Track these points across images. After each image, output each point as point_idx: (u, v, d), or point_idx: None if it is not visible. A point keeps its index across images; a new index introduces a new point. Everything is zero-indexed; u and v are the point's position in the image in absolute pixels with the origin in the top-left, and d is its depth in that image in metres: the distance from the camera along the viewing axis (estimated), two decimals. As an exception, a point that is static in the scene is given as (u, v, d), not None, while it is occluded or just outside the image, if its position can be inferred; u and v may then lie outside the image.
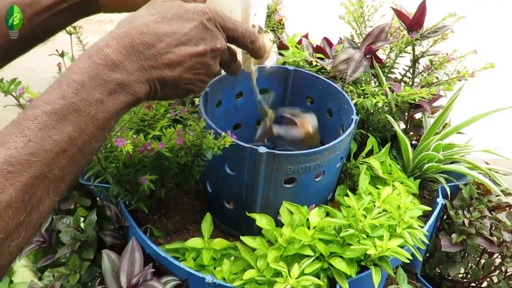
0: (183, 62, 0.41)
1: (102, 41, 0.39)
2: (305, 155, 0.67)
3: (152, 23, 0.40)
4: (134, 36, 0.38)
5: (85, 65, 0.37)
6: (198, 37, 0.42)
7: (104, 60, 0.37)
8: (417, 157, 0.83)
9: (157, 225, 0.79)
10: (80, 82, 0.36)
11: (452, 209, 0.78)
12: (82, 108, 0.35)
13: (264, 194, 0.72)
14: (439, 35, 0.84)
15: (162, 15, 0.41)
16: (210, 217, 0.72)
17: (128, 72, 0.38)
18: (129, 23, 0.40)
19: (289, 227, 0.63)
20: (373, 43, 0.84)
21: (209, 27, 0.43)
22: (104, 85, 0.36)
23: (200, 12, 0.42)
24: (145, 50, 0.39)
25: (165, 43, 0.40)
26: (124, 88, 0.38)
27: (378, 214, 0.63)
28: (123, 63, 0.37)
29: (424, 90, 0.72)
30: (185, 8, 0.42)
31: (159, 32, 0.40)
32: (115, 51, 0.38)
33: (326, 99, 0.88)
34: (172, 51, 0.40)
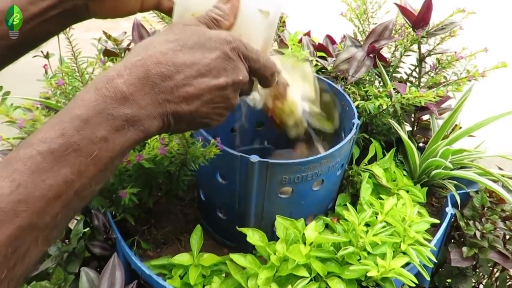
0: (201, 95, 0.37)
1: (113, 70, 0.34)
2: (301, 164, 0.60)
3: (170, 51, 0.36)
4: (150, 66, 0.34)
5: (91, 98, 0.32)
6: (220, 68, 0.38)
7: (113, 92, 0.32)
8: (424, 162, 0.76)
9: (146, 236, 0.73)
10: (84, 118, 0.31)
11: (462, 220, 0.70)
12: (83, 147, 0.31)
13: (258, 204, 0.65)
14: (447, 32, 0.76)
15: (182, 43, 0.37)
16: (200, 230, 0.65)
17: (139, 106, 0.33)
18: (145, 50, 0.35)
19: (283, 243, 0.56)
20: (376, 41, 0.77)
21: (232, 57, 0.39)
22: (111, 121, 0.32)
23: (223, 41, 0.38)
24: (161, 82, 0.34)
25: (183, 74, 0.36)
26: (133, 124, 0.33)
27: (381, 229, 0.56)
28: (135, 96, 0.33)
29: (431, 92, 0.65)
30: (207, 36, 0.38)
31: (178, 62, 0.35)
32: (126, 83, 0.33)
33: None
34: (190, 84, 0.36)
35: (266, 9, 0.46)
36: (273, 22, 0.47)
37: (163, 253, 0.74)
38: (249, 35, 0.46)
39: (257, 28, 0.47)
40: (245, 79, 0.40)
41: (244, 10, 0.45)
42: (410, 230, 0.58)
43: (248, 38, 0.45)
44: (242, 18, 0.44)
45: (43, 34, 0.52)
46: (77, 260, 0.74)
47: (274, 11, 0.47)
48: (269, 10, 0.46)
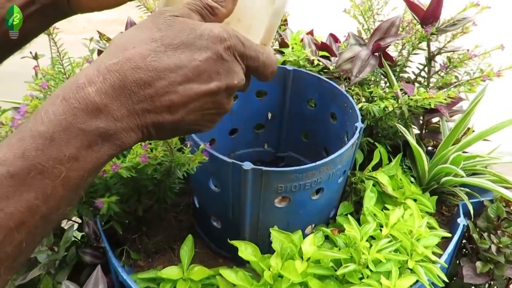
0: (188, 103, 0.31)
1: (84, 75, 0.28)
2: (298, 171, 0.54)
3: (152, 53, 0.29)
4: (127, 72, 0.28)
5: (57, 110, 0.27)
6: (211, 71, 0.32)
7: (84, 103, 0.27)
8: (433, 169, 0.69)
9: (137, 245, 0.67)
10: (49, 135, 0.26)
11: (475, 232, 0.63)
12: (48, 169, 0.26)
13: (253, 214, 0.59)
14: (459, 28, 0.69)
15: (167, 42, 0.30)
16: (191, 241, 0.60)
17: (114, 119, 0.28)
18: (122, 51, 0.29)
19: (278, 257, 0.50)
20: (381, 39, 0.70)
21: (226, 58, 0.32)
22: (81, 136, 0.27)
23: (216, 38, 0.32)
24: (140, 90, 0.29)
25: (166, 80, 0.30)
26: (108, 139, 0.28)
27: (386, 244, 0.49)
28: (109, 107, 0.28)
29: (442, 93, 0.58)
30: (198, 33, 0.31)
31: (160, 67, 0.30)
32: (99, 91, 0.28)
33: (329, 103, 0.75)
34: (175, 91, 0.30)
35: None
36: (279, 8, 0.39)
37: (155, 263, 0.69)
38: (249, 22, 0.38)
39: (260, 14, 0.39)
40: (241, 83, 0.34)
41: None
42: (418, 245, 0.52)
43: (248, 25, 0.38)
44: (243, 1, 0.37)
45: (25, 33, 0.47)
46: (67, 269, 0.69)
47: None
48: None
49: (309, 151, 0.85)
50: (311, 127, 0.82)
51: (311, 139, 0.83)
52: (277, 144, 0.88)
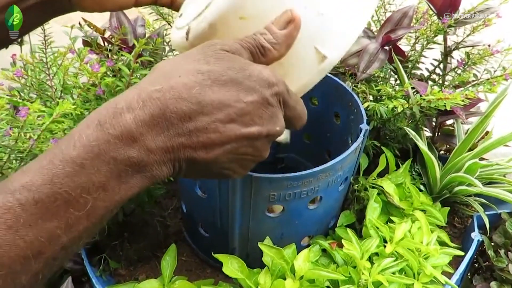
0: (226, 143, 0.30)
1: (124, 99, 0.27)
2: (292, 179, 0.49)
3: (197, 86, 0.28)
4: (168, 101, 0.27)
5: (91, 135, 0.26)
6: (255, 114, 0.31)
7: (119, 130, 0.26)
8: (445, 176, 0.64)
9: (117, 252, 0.63)
10: (80, 161, 0.26)
11: (491, 248, 0.58)
12: (75, 198, 0.26)
13: (242, 223, 0.55)
14: (480, 20, 0.63)
15: (214, 77, 0.29)
16: (174, 251, 0.55)
17: (148, 150, 0.27)
18: (166, 79, 0.28)
19: (268, 275, 0.45)
20: (392, 31, 0.65)
21: (272, 103, 0.32)
22: (112, 165, 0.26)
23: (265, 82, 0.31)
24: (179, 122, 0.28)
25: (209, 117, 0.29)
26: (138, 170, 0.27)
27: (390, 263, 0.44)
28: (145, 136, 0.27)
29: (459, 94, 0.52)
30: (247, 73, 0.30)
31: (204, 101, 0.29)
32: (137, 119, 0.27)
33: (332, 101, 0.69)
34: (215, 129, 0.29)
35: (324, 53, 0.36)
36: (324, 70, 0.38)
37: (137, 272, 0.65)
38: (291, 74, 0.37)
39: (304, 69, 0.37)
40: (282, 130, 0.33)
41: (296, 42, 0.35)
42: (426, 264, 0.47)
43: (289, 77, 0.36)
44: (291, 51, 0.35)
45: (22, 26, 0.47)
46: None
47: (333, 58, 0.37)
48: (326, 55, 0.36)
49: (310, 153, 0.80)
50: (313, 127, 0.76)
51: (313, 140, 0.78)
52: (277, 144, 0.83)
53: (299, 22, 0.34)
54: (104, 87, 0.53)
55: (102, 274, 0.59)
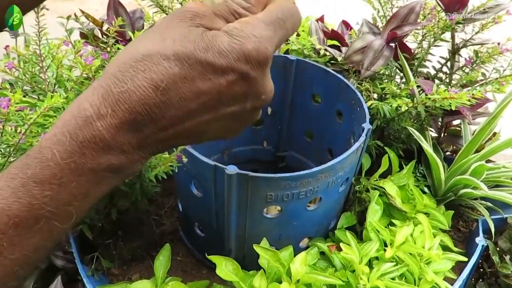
0: (206, 129, 0.30)
1: (90, 103, 0.26)
2: (290, 179, 0.48)
3: (165, 80, 0.26)
4: (136, 105, 0.26)
5: (65, 152, 0.26)
6: (233, 92, 0.29)
7: (93, 141, 0.26)
8: (450, 179, 0.63)
9: (111, 251, 0.63)
10: (56, 181, 0.25)
11: (496, 253, 0.57)
12: (57, 213, 0.26)
13: (239, 224, 0.54)
14: (490, 17, 0.61)
15: (181, 62, 0.27)
16: (168, 251, 0.55)
17: (125, 152, 0.27)
18: (130, 73, 0.27)
19: (263, 278, 0.45)
20: (398, 27, 0.63)
21: (254, 75, 0.28)
22: (91, 175, 0.26)
23: (242, 57, 0.28)
24: (152, 122, 0.27)
25: (182, 110, 0.27)
26: (118, 172, 0.28)
27: (390, 268, 0.43)
28: (119, 142, 0.27)
29: (465, 93, 0.51)
30: (216, 49, 0.27)
31: (174, 97, 0.27)
32: (109, 127, 0.26)
33: (335, 99, 0.69)
34: (191, 119, 0.28)
35: None
36: None
37: (131, 271, 0.64)
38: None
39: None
40: (269, 97, 0.31)
41: None
42: (428, 270, 0.46)
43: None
44: None
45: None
46: (34, 273, 0.65)
47: None
48: None
49: (312, 152, 0.79)
50: (315, 125, 0.76)
51: (315, 139, 0.77)
52: (277, 142, 0.82)
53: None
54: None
55: (94, 273, 0.59)
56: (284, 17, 0.30)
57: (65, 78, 0.52)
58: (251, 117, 0.32)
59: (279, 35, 0.30)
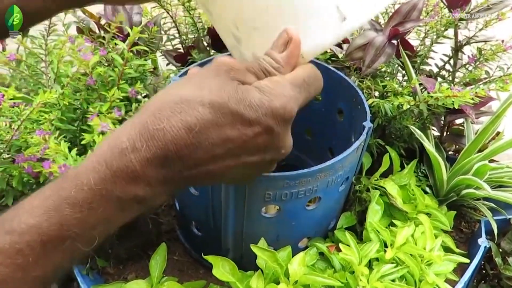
0: (226, 173, 0.33)
1: (127, 137, 0.29)
2: (289, 178, 0.48)
3: (198, 125, 0.29)
4: (169, 143, 0.29)
5: (98, 176, 0.28)
6: (256, 144, 0.32)
7: (125, 171, 0.28)
8: (453, 178, 0.62)
9: (106, 249, 0.62)
10: (87, 204, 0.28)
11: (498, 255, 0.56)
12: (81, 235, 0.28)
13: (236, 223, 0.53)
14: (494, 13, 0.61)
15: (215, 111, 0.30)
16: (164, 250, 0.54)
17: (151, 185, 0.30)
18: (167, 114, 0.29)
19: (261, 278, 0.44)
20: (400, 24, 0.63)
21: (278, 130, 0.32)
22: (117, 203, 0.29)
23: (270, 113, 0.31)
24: (180, 161, 0.30)
25: (209, 154, 0.30)
26: (141, 202, 0.30)
27: (390, 270, 0.43)
28: (148, 175, 0.29)
29: (468, 91, 0.51)
30: (247, 102, 0.31)
31: (204, 141, 0.30)
32: (142, 160, 0.29)
33: (336, 96, 0.68)
34: (215, 162, 0.31)
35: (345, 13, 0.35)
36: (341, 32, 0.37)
37: (127, 271, 0.64)
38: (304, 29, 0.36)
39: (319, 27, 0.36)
40: (288, 151, 0.35)
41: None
42: (428, 272, 0.45)
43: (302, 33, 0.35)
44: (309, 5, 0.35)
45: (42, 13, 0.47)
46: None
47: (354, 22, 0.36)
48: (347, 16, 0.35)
49: (312, 151, 0.78)
50: (315, 123, 0.75)
51: (315, 137, 0.77)
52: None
53: (297, 39, 0.34)
54: (96, 77, 0.52)
55: (89, 272, 0.58)
56: (309, 82, 0.34)
57: (64, 74, 0.52)
58: (267, 168, 0.36)
59: (304, 96, 0.34)
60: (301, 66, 0.36)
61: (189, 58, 0.72)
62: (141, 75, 0.61)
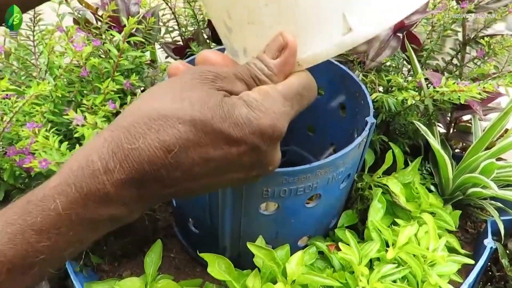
0: (208, 188, 0.32)
1: (98, 155, 0.27)
2: (288, 174, 0.47)
3: (177, 145, 0.27)
4: (145, 166, 0.27)
5: (66, 200, 0.26)
6: (243, 164, 0.30)
7: (97, 194, 0.27)
8: (459, 177, 0.61)
9: (101, 246, 0.62)
10: (55, 229, 0.26)
11: (505, 257, 0.56)
12: (50, 259, 0.27)
13: (234, 221, 0.53)
14: (504, 5, 0.60)
15: (196, 128, 0.27)
16: (160, 247, 0.54)
17: (126, 204, 0.28)
18: (143, 131, 0.27)
19: (258, 278, 0.44)
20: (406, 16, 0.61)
21: (265, 149, 0.30)
22: (89, 224, 0.28)
23: (258, 132, 0.29)
24: (157, 183, 0.28)
25: (188, 174, 0.29)
26: (116, 220, 0.29)
27: (391, 270, 0.42)
28: (122, 197, 0.28)
29: (475, 86, 0.50)
30: (233, 120, 0.28)
31: (184, 161, 0.28)
32: (115, 183, 0.27)
33: (339, 91, 0.67)
34: (196, 181, 0.29)
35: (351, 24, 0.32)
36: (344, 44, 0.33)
37: (122, 268, 0.64)
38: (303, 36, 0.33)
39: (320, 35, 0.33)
40: (276, 168, 0.34)
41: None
42: (431, 273, 0.45)
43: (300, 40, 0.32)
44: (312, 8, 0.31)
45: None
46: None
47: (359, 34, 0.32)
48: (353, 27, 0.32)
49: (314, 147, 0.77)
50: (317, 119, 0.74)
51: (317, 133, 0.76)
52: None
53: (293, 46, 0.31)
54: (90, 69, 0.51)
55: (82, 269, 0.58)
56: (303, 93, 0.32)
57: (56, 65, 0.51)
58: (252, 181, 0.34)
59: (296, 109, 0.32)
60: (295, 74, 0.33)
61: (188, 51, 0.72)
62: (138, 67, 0.60)
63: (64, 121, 0.49)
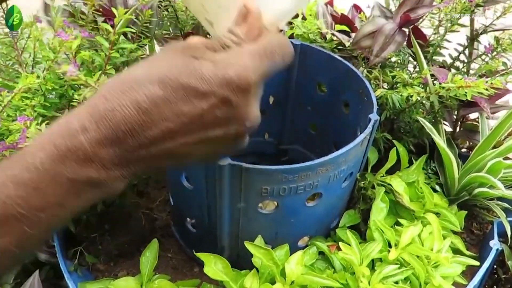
0: (190, 152, 0.33)
1: (78, 118, 0.29)
2: (287, 171, 0.47)
3: (147, 100, 0.30)
4: (120, 122, 0.29)
5: (46, 158, 0.28)
6: (217, 118, 0.32)
7: (75, 152, 0.28)
8: (465, 176, 0.61)
9: (97, 245, 0.62)
10: (33, 184, 0.28)
11: (511, 258, 0.55)
12: (29, 217, 0.28)
13: (232, 219, 0.53)
14: (513, 0, 0.59)
15: (165, 85, 0.30)
16: (156, 247, 0.54)
17: (106, 167, 0.30)
18: (118, 95, 0.30)
19: (256, 278, 0.43)
20: (412, 10, 0.61)
21: (236, 101, 0.32)
22: (69, 186, 0.29)
23: (224, 83, 0.31)
24: (133, 139, 0.30)
25: (162, 130, 0.30)
26: (97, 186, 0.30)
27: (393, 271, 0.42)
28: (101, 156, 0.29)
29: (482, 81, 0.49)
30: (199, 75, 0.30)
31: (156, 117, 0.30)
32: (92, 141, 0.29)
33: (342, 88, 0.67)
34: (172, 139, 0.31)
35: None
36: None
37: (118, 268, 0.64)
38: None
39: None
40: (255, 123, 0.34)
41: None
42: (435, 274, 0.44)
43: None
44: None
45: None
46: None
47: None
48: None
49: (316, 145, 0.77)
50: (320, 117, 0.74)
51: (320, 131, 0.76)
52: (280, 135, 0.81)
53: (256, 11, 0.35)
54: (80, 62, 0.51)
55: (77, 269, 0.58)
56: (272, 49, 0.34)
57: (44, 58, 0.51)
58: (236, 142, 0.34)
59: (266, 65, 0.33)
60: (263, 35, 0.35)
61: (186, 45, 0.71)
62: (133, 61, 0.60)
63: (55, 115, 0.49)
